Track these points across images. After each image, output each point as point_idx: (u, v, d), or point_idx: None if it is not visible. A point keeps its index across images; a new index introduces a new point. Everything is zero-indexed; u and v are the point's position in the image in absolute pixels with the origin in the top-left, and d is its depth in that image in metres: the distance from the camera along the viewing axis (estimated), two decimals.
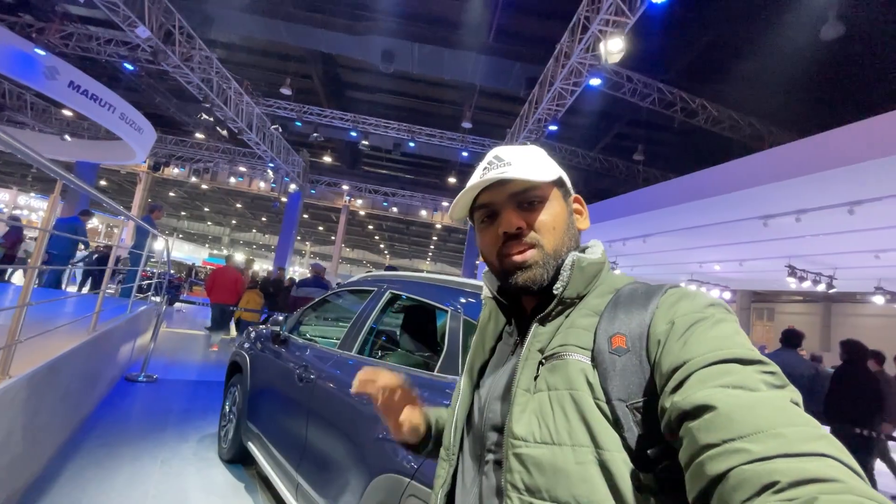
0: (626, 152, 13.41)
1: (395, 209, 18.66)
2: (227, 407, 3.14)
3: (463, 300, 1.69)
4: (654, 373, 0.52)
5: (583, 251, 0.67)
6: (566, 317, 0.62)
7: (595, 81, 7.38)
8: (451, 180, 17.75)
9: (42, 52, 8.74)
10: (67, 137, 13.95)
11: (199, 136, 15.93)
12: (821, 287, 9.69)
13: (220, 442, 3.12)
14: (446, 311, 1.71)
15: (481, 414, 0.66)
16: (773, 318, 21.33)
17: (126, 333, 4.27)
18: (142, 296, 5.69)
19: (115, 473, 2.60)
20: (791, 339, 4.45)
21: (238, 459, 2.95)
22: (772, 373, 0.46)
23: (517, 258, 0.64)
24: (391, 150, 15.56)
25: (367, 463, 1.54)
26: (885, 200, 5.72)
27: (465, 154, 13.77)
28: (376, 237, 36.29)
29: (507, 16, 11.10)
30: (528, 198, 0.66)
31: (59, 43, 9.91)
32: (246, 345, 3.11)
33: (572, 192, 0.73)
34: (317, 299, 2.86)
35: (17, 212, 20.52)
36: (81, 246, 7.03)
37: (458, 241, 28.96)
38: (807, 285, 9.61)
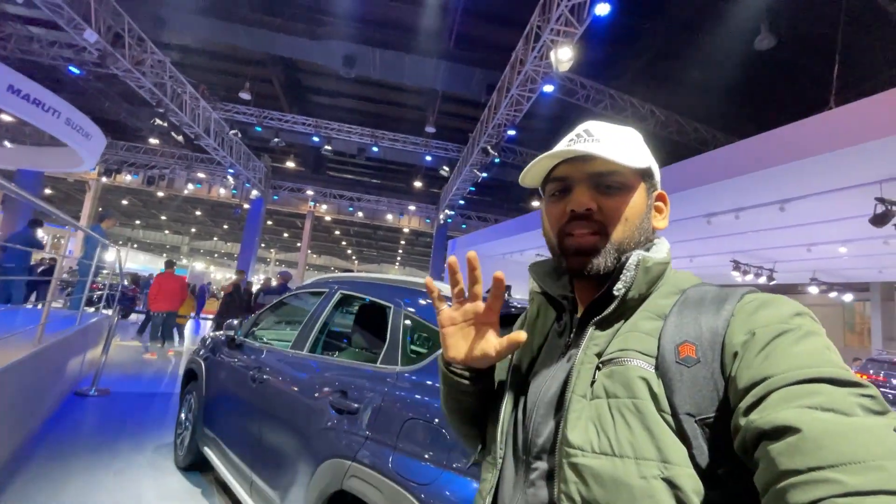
0: None
1: (360, 214, 18.57)
2: (182, 415, 3.12)
3: (404, 297, 1.81)
4: (729, 387, 0.48)
5: (647, 249, 0.63)
6: (626, 319, 0.58)
7: (549, 88, 7.68)
8: (417, 184, 17.88)
9: None
10: (7, 144, 13.17)
11: (153, 141, 15.39)
12: (762, 280, 10.38)
13: (177, 450, 3.11)
14: (389, 308, 1.82)
15: (528, 417, 0.61)
16: None
17: (75, 346, 4.14)
18: (93, 308, 5.51)
19: (66, 485, 2.56)
20: None
21: (195, 466, 2.95)
22: (871, 396, 0.41)
23: (578, 241, 0.61)
24: (355, 155, 15.54)
25: (314, 451, 1.63)
26: (809, 198, 6.24)
27: (428, 158, 13.90)
28: (343, 243, 35.88)
29: (467, 22, 11.35)
30: (607, 181, 0.61)
31: None
32: (201, 352, 3.12)
33: (658, 186, 0.68)
34: (271, 303, 2.91)
35: None
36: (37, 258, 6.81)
37: (426, 245, 29.07)
38: (750, 278, 10.27)
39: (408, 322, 1.71)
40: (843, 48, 7.20)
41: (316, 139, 13.77)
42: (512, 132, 9.24)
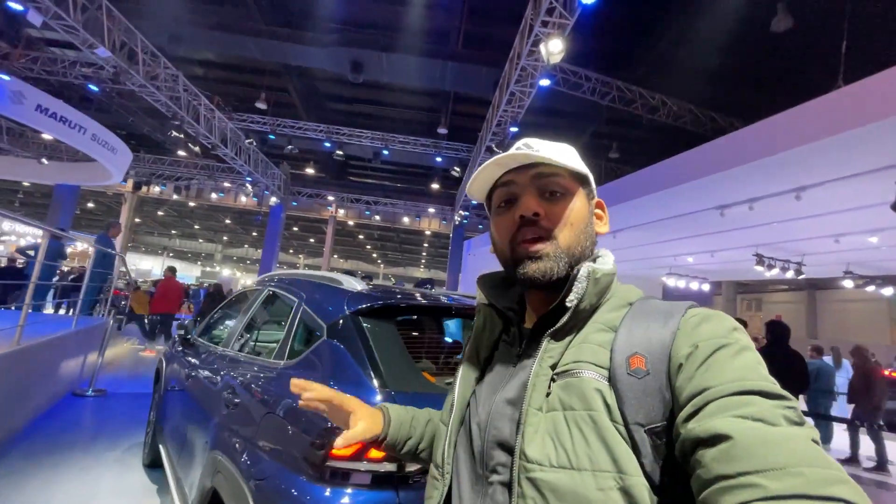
0: (603, 151, 13.59)
1: (377, 217, 18.77)
2: (151, 413, 3.20)
3: (304, 291, 1.78)
4: (674, 396, 0.51)
5: (594, 260, 0.64)
6: (578, 331, 0.60)
7: (545, 82, 7.52)
8: (435, 186, 17.93)
9: (6, 77, 8.87)
10: (45, 161, 14.06)
11: (181, 153, 16.08)
12: (790, 274, 9.77)
13: (144, 447, 3.19)
14: (294, 303, 1.79)
15: (481, 430, 0.61)
16: (760, 307, 21.40)
17: (70, 348, 4.33)
18: (99, 313, 5.75)
19: (30, 480, 2.66)
20: (784, 333, 4.19)
21: (159, 463, 3.01)
22: (793, 408, 0.45)
23: (530, 246, 0.62)
24: (371, 160, 15.74)
25: (205, 447, 1.62)
26: (825, 185, 5.82)
27: (438, 159, 13.90)
28: (368, 247, 36.38)
29: (473, 22, 11.31)
30: (551, 186, 0.64)
31: (24, 68, 10.05)
32: (167, 351, 3.19)
33: (595, 195, 0.70)
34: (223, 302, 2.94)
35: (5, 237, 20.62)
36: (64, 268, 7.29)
37: (447, 247, 29.08)
38: (776, 273, 9.69)
39: (300, 316, 1.67)
40: (851, 25, 6.72)
41: (327, 144, 14.01)
42: (514, 129, 9.08)
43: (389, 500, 1.06)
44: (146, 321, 8.29)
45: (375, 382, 1.22)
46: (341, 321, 1.43)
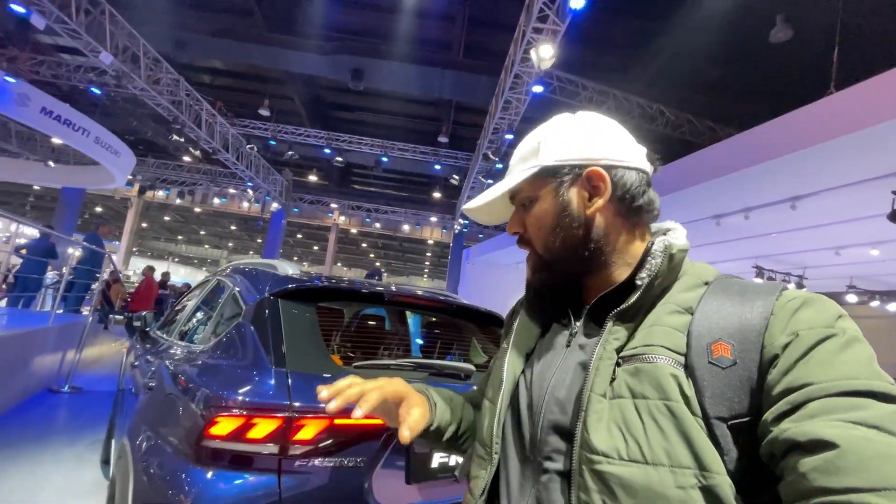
0: None
1: (378, 224, 18.78)
2: (113, 410, 3.15)
3: (236, 276, 1.73)
4: (764, 390, 0.46)
5: (664, 233, 0.60)
6: (647, 312, 0.54)
7: (538, 89, 7.51)
8: (436, 195, 17.96)
9: (12, 80, 9.04)
10: (51, 164, 14.28)
11: (186, 158, 16.28)
12: (791, 287, 9.57)
13: (104, 444, 3.12)
14: (228, 289, 1.74)
15: (534, 411, 0.57)
16: None
17: (45, 344, 4.31)
18: (86, 310, 5.74)
19: None
20: None
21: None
22: None
23: (527, 261, 0.65)
24: (373, 168, 15.83)
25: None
26: (820, 195, 5.71)
27: (437, 167, 13.92)
28: (371, 255, 36.43)
29: (474, 32, 11.40)
30: (521, 200, 0.64)
31: (30, 71, 10.26)
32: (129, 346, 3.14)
33: (578, 171, 0.60)
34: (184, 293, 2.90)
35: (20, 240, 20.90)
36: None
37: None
38: None
39: (228, 301, 1.62)
40: (843, 36, 6.67)
41: (327, 151, 14.11)
42: (510, 136, 9.07)
43: (270, 485, 0.99)
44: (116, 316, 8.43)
45: (274, 363, 1.16)
46: (260, 304, 1.38)
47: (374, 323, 1.80)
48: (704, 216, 7.30)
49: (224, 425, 0.98)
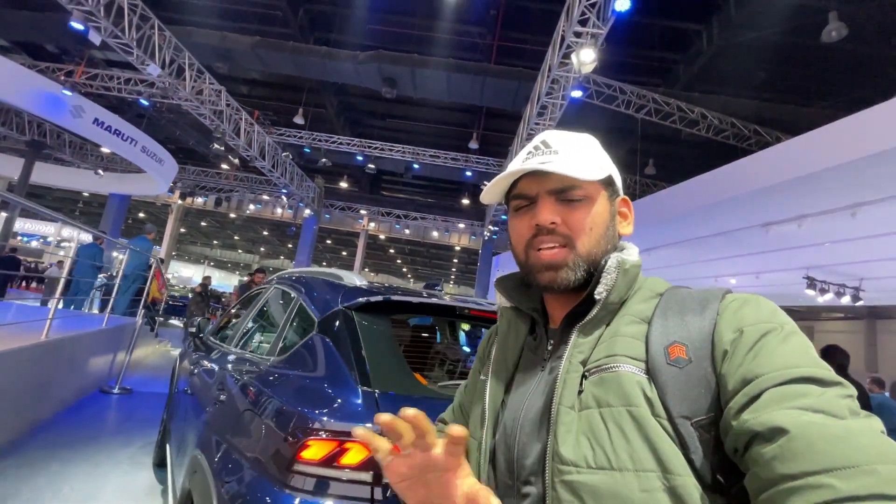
0: (639, 167, 13.20)
1: (407, 231, 18.87)
2: (164, 412, 3.20)
3: (301, 286, 1.70)
4: (720, 385, 0.48)
5: (621, 250, 0.62)
6: (607, 325, 0.57)
7: (577, 94, 7.36)
8: (465, 202, 17.93)
9: (69, 93, 9.55)
10: (101, 172, 15.01)
11: (224, 166, 16.81)
12: (845, 300, 9.02)
13: (156, 446, 3.17)
14: (291, 298, 1.71)
15: (511, 437, 0.58)
16: (812, 337, 19.93)
17: (99, 346, 4.46)
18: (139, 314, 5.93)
19: (40, 472, 2.68)
20: (843, 360, 3.54)
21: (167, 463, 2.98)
22: (852, 396, 0.42)
23: (545, 255, 0.59)
24: (402, 174, 15.94)
25: (192, 446, 1.54)
26: (886, 202, 5.34)
27: (468, 174, 13.88)
28: (398, 260, 36.67)
29: (506, 37, 11.35)
30: (568, 195, 0.60)
31: (84, 84, 10.81)
32: (182, 350, 3.19)
33: (621, 192, 0.66)
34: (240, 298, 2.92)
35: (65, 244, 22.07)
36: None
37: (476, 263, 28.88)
38: (829, 298, 8.97)
39: (296, 311, 1.59)
40: None
41: (359, 158, 14.28)
42: None
43: None
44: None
45: (359, 382, 1.11)
46: (333, 316, 1.33)
47: (448, 338, 1.74)
48: (753, 224, 6.97)
49: (315, 449, 0.93)
